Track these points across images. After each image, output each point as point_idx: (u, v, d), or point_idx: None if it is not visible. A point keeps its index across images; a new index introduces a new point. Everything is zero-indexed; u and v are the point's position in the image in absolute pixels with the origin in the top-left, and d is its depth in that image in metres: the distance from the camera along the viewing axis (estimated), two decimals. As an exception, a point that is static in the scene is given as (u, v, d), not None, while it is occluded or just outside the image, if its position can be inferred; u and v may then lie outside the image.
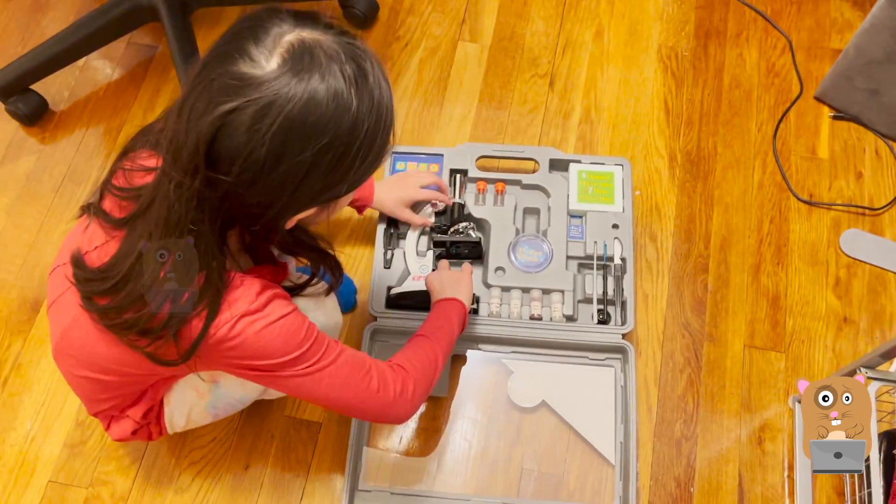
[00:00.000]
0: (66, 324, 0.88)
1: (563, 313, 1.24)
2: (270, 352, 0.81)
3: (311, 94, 0.68)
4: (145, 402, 1.00)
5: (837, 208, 1.38)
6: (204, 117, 0.68)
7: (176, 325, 0.76)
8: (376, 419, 0.95)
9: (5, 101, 1.44)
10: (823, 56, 1.51)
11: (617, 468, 1.18)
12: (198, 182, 0.70)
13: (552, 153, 1.35)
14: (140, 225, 0.77)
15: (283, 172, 0.70)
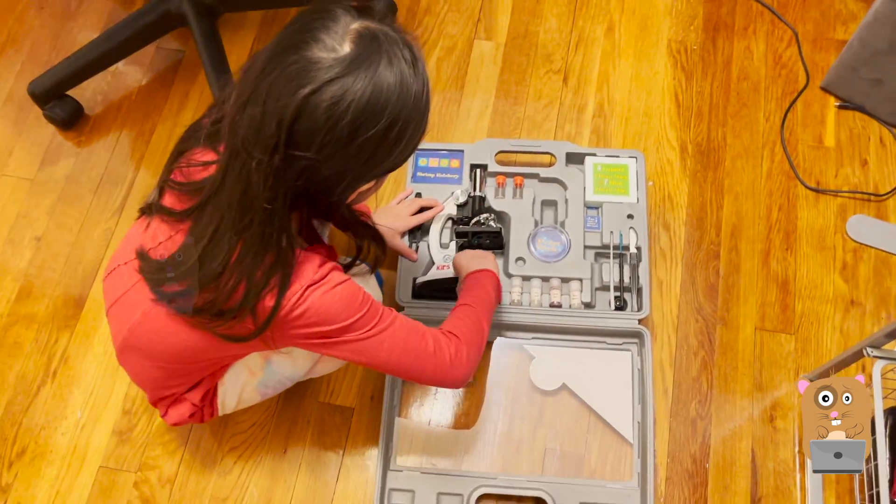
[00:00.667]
0: (135, 320, 0.95)
1: (581, 300, 1.30)
2: (334, 315, 0.88)
3: (381, 75, 0.76)
4: (203, 385, 1.07)
5: (843, 195, 1.44)
6: (284, 99, 0.75)
7: (252, 301, 0.83)
8: (435, 382, 1.02)
9: (43, 107, 1.50)
10: (829, 47, 1.56)
11: (635, 446, 1.24)
12: (277, 160, 0.77)
13: (568, 147, 1.41)
14: (210, 210, 0.83)
15: (358, 146, 0.78)
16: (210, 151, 0.90)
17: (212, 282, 0.83)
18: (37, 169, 1.50)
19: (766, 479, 1.24)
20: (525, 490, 1.21)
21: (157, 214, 0.91)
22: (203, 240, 0.83)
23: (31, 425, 1.30)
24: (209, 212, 0.83)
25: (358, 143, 0.78)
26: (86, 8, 1.66)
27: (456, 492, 1.21)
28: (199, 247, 0.83)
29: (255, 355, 1.07)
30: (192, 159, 0.90)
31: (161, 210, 0.91)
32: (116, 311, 0.98)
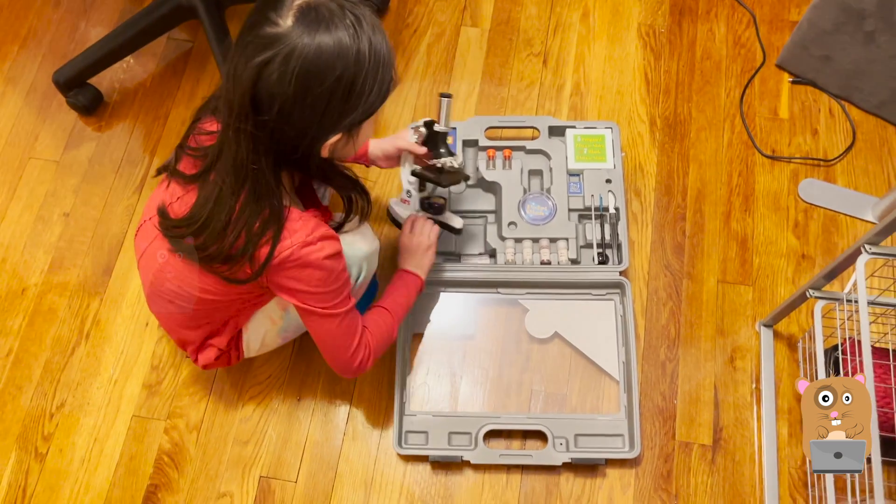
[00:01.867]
0: (158, 266, 1.12)
1: (568, 257, 1.46)
2: (314, 282, 1.03)
3: (320, 40, 0.88)
4: (227, 332, 1.22)
5: (796, 161, 1.59)
6: (244, 72, 0.89)
7: (251, 249, 0.99)
8: (336, 369, 1.18)
9: (66, 95, 1.63)
10: (783, 28, 1.72)
11: (621, 383, 1.39)
12: (250, 125, 0.91)
13: (550, 121, 1.56)
14: (213, 175, 0.99)
15: (310, 104, 0.91)
16: (216, 122, 1.04)
17: (219, 235, 0.99)
18: (62, 152, 1.63)
19: (727, 412, 1.40)
20: (527, 425, 1.36)
21: (173, 176, 1.07)
22: (210, 201, 0.99)
23: (69, 381, 1.44)
24: (212, 177, 0.99)
25: (310, 101, 0.90)
26: (100, 3, 1.79)
27: (465, 430, 1.36)
28: (206, 207, 0.99)
29: (274, 305, 1.22)
30: (202, 128, 1.06)
31: (175, 174, 1.06)
32: (144, 261, 1.15)
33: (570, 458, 1.32)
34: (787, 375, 1.42)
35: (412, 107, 1.66)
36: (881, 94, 1.56)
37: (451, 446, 1.35)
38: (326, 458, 1.37)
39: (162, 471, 1.37)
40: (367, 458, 1.37)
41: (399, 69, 1.70)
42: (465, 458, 1.33)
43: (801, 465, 1.35)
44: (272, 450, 1.38)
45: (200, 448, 1.38)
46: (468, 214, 1.52)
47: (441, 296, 1.47)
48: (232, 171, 0.96)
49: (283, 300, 1.12)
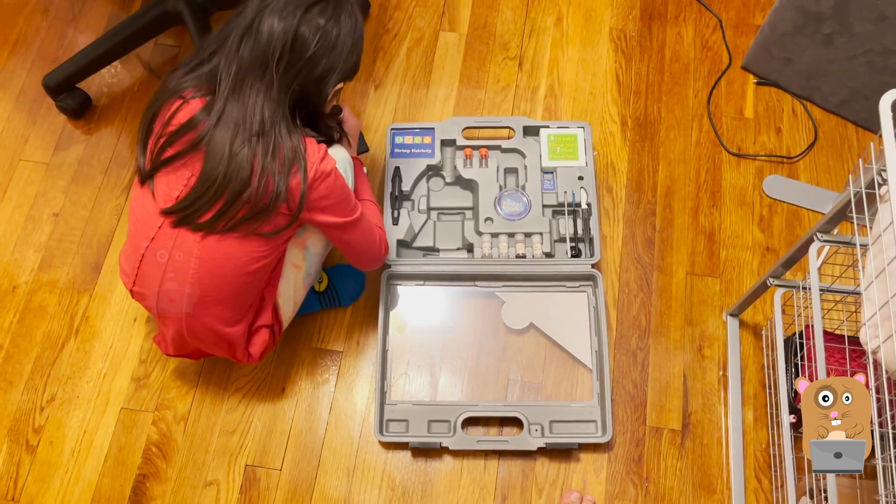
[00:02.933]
0: (192, 270, 1.15)
1: (542, 251, 1.51)
2: (338, 190, 1.16)
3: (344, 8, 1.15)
4: (268, 302, 1.28)
5: (761, 158, 1.66)
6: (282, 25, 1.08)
7: (283, 189, 1.08)
8: (372, 264, 1.34)
9: (56, 99, 1.68)
10: (748, 31, 1.79)
11: (594, 371, 1.45)
12: (283, 63, 1.08)
13: (525, 121, 1.62)
14: (219, 133, 1.08)
15: (338, 52, 1.14)
16: (178, 99, 1.14)
17: (244, 188, 1.07)
18: (51, 154, 1.68)
19: (696, 398, 1.46)
20: (503, 412, 1.42)
21: (161, 171, 1.12)
22: (224, 159, 1.07)
23: (59, 375, 1.48)
24: (219, 134, 1.08)
25: (339, 49, 1.13)
26: (88, 10, 1.84)
27: (444, 419, 1.41)
28: (221, 165, 1.06)
29: (295, 250, 1.28)
30: (168, 112, 1.13)
31: (167, 161, 1.12)
32: (170, 284, 1.18)
33: (545, 444, 1.38)
34: (753, 363, 1.48)
35: (393, 109, 1.72)
36: (840, 93, 1.64)
37: (430, 433, 1.40)
38: (310, 447, 1.42)
39: (150, 461, 1.41)
40: (349, 445, 1.42)
41: (379, 72, 1.76)
42: (444, 445, 1.38)
43: (766, 448, 1.41)
44: (257, 439, 1.42)
45: (188, 438, 1.42)
46: (447, 211, 1.58)
47: (420, 289, 1.52)
48: (249, 118, 1.08)
49: (300, 240, 1.24)
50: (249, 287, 1.22)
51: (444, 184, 1.60)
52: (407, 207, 1.56)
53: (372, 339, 1.50)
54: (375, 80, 1.75)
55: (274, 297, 1.29)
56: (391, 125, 1.63)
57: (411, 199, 1.58)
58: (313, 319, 1.52)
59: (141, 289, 1.23)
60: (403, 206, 1.56)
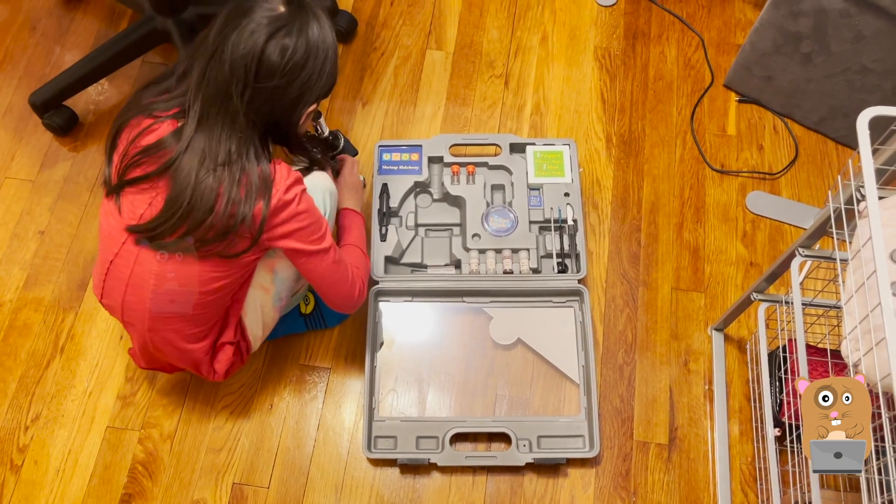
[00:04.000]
0: (151, 286, 1.16)
1: (529, 267, 1.53)
2: (303, 216, 1.13)
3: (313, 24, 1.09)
4: (231, 323, 1.27)
5: (743, 175, 1.69)
6: (247, 48, 1.04)
7: (248, 214, 1.08)
8: (342, 304, 1.27)
9: (42, 116, 1.68)
10: (730, 50, 1.82)
11: (581, 386, 1.46)
12: (248, 94, 1.06)
13: (512, 138, 1.64)
14: (187, 159, 1.07)
15: (307, 75, 1.09)
16: (147, 119, 1.13)
17: (207, 215, 1.06)
18: (37, 171, 1.67)
19: (682, 412, 1.47)
20: (491, 428, 1.42)
21: (127, 189, 1.13)
22: (189, 186, 1.06)
23: (44, 394, 1.46)
24: (186, 161, 1.07)
25: (307, 72, 1.09)
26: (75, 28, 1.84)
27: (432, 434, 1.41)
28: (187, 192, 1.06)
29: (263, 272, 1.27)
30: (133, 130, 1.13)
31: (133, 181, 1.12)
32: (131, 298, 1.19)
33: (533, 459, 1.38)
34: (738, 377, 1.50)
35: (380, 126, 1.74)
36: (820, 110, 1.67)
37: (418, 450, 1.40)
38: (298, 464, 1.41)
39: (136, 480, 1.40)
40: (337, 462, 1.42)
41: (367, 90, 1.77)
42: (432, 461, 1.38)
43: (751, 462, 1.42)
44: (245, 457, 1.42)
45: (174, 457, 1.42)
46: (434, 227, 1.59)
47: (409, 305, 1.52)
48: (216, 144, 1.07)
49: (268, 263, 1.22)
50: (210, 305, 1.22)
51: (432, 200, 1.62)
52: (395, 224, 1.57)
53: (360, 355, 1.50)
54: (363, 98, 1.76)
55: (239, 315, 1.29)
56: (379, 142, 1.64)
57: (399, 215, 1.59)
58: (301, 336, 1.52)
59: (108, 301, 1.25)
60: (391, 222, 1.57)
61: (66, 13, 1.85)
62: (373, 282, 1.51)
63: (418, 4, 1.88)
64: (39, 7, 1.86)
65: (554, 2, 1.88)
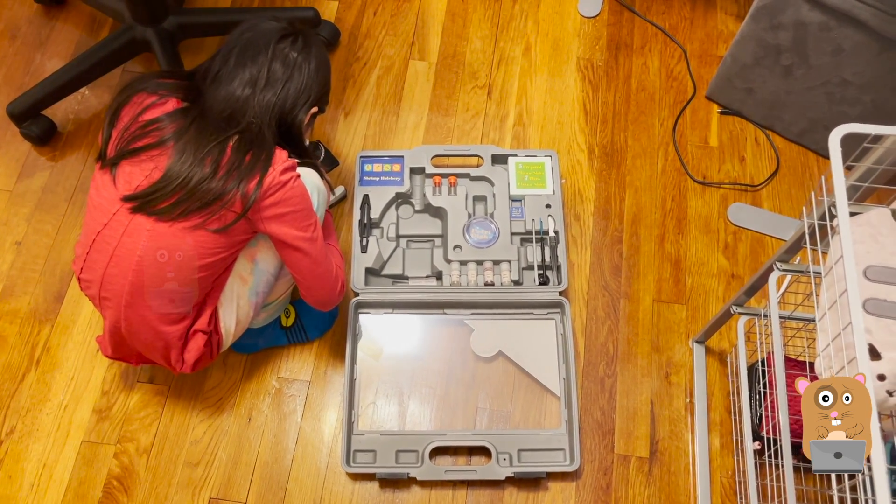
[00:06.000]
0: (135, 260, 1.16)
1: (510, 279, 1.52)
2: (295, 200, 1.17)
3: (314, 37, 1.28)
4: (207, 308, 1.26)
5: (725, 186, 1.69)
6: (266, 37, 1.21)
7: (243, 186, 1.13)
8: (320, 296, 1.29)
9: (20, 126, 1.66)
10: (712, 62, 1.83)
11: (562, 399, 1.45)
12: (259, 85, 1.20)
13: (493, 150, 1.63)
14: (192, 132, 1.14)
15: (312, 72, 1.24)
16: (151, 96, 1.19)
17: (204, 182, 1.11)
18: (15, 181, 1.66)
19: (663, 424, 1.46)
20: (471, 441, 1.41)
21: (124, 161, 1.16)
22: (188, 156, 1.12)
23: (18, 408, 1.44)
24: (192, 134, 1.13)
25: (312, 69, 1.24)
26: (55, 37, 1.83)
27: (412, 448, 1.40)
28: (184, 161, 1.11)
29: (244, 261, 1.27)
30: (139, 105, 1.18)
31: (135, 151, 1.15)
32: (113, 270, 1.18)
33: (513, 473, 1.37)
34: (719, 389, 1.49)
35: (362, 136, 1.73)
36: (800, 123, 1.67)
37: (398, 464, 1.39)
38: (276, 479, 1.40)
39: (111, 495, 1.38)
40: (316, 477, 1.40)
41: (349, 100, 1.76)
42: (411, 475, 1.37)
43: (732, 475, 1.42)
44: (222, 471, 1.40)
45: (150, 471, 1.40)
46: (416, 238, 1.58)
47: (389, 317, 1.51)
48: (224, 122, 1.16)
49: (250, 252, 1.25)
50: (192, 284, 1.21)
51: (414, 211, 1.61)
52: (376, 235, 1.56)
53: (339, 368, 1.49)
54: (345, 108, 1.76)
55: (215, 303, 1.28)
56: (360, 153, 1.63)
57: (380, 226, 1.58)
58: (280, 348, 1.50)
59: (88, 275, 1.24)
60: (372, 233, 1.56)
61: (46, 21, 1.84)
62: (353, 293, 1.50)
63: (401, 15, 1.87)
64: (19, 15, 1.85)
65: (537, 12, 1.88)
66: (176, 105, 1.19)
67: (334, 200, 1.62)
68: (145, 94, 1.19)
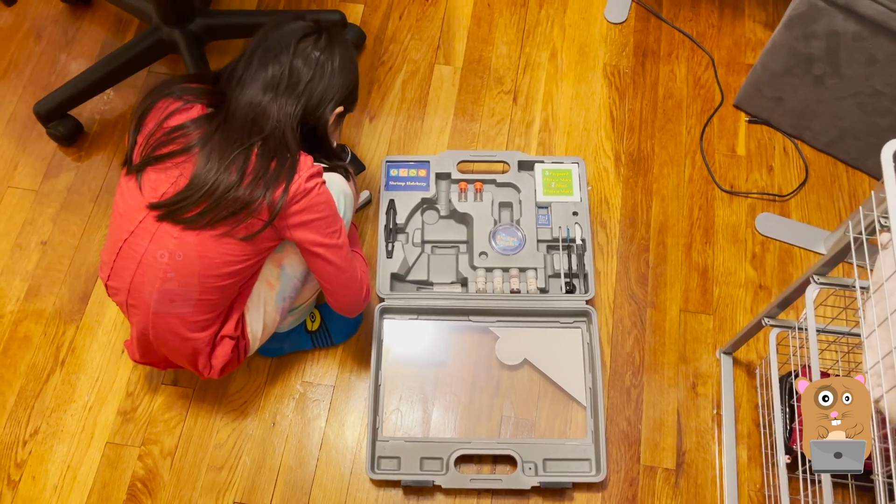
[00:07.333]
0: (162, 268, 1.16)
1: (537, 286, 1.51)
2: (321, 207, 1.16)
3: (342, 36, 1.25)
4: (235, 313, 1.26)
5: (753, 196, 1.68)
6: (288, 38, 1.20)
7: (270, 194, 1.12)
8: (346, 302, 1.29)
9: (46, 125, 1.66)
10: (740, 70, 1.81)
11: (588, 408, 1.44)
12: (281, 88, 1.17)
13: (520, 156, 1.62)
14: (218, 139, 1.13)
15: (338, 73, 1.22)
16: (176, 101, 1.18)
17: (230, 191, 1.10)
18: (41, 181, 1.66)
19: (690, 436, 1.45)
20: (497, 450, 1.40)
21: (149, 168, 1.15)
22: (214, 163, 1.11)
23: (43, 408, 1.44)
24: (216, 140, 1.12)
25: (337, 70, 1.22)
26: (81, 37, 1.83)
27: (436, 456, 1.39)
28: (213, 170, 1.10)
29: (270, 266, 1.26)
30: (164, 110, 1.17)
31: (160, 158, 1.14)
32: (140, 278, 1.18)
33: (539, 483, 1.36)
34: (747, 401, 1.48)
35: (387, 140, 1.72)
36: (830, 133, 1.66)
37: (422, 471, 1.38)
38: (300, 484, 1.39)
39: (135, 497, 1.38)
40: (340, 483, 1.39)
41: (374, 104, 1.76)
42: (436, 483, 1.36)
43: (760, 489, 1.40)
44: (246, 475, 1.40)
45: (174, 474, 1.39)
46: (441, 244, 1.57)
47: (414, 323, 1.51)
48: (249, 128, 1.14)
49: (277, 257, 1.24)
50: (219, 291, 1.20)
51: (439, 217, 1.60)
52: (401, 240, 1.55)
53: (364, 373, 1.49)
54: (370, 112, 1.75)
55: (242, 309, 1.27)
56: (386, 157, 1.62)
57: (405, 231, 1.57)
58: (305, 353, 1.50)
59: (115, 283, 1.23)
60: (398, 239, 1.55)
61: (72, 21, 1.84)
62: (378, 299, 1.49)
63: (427, 18, 1.87)
64: (45, 15, 1.85)
65: (563, 18, 1.88)
66: (201, 111, 1.18)
67: (359, 205, 1.62)
68: (170, 100, 1.19)
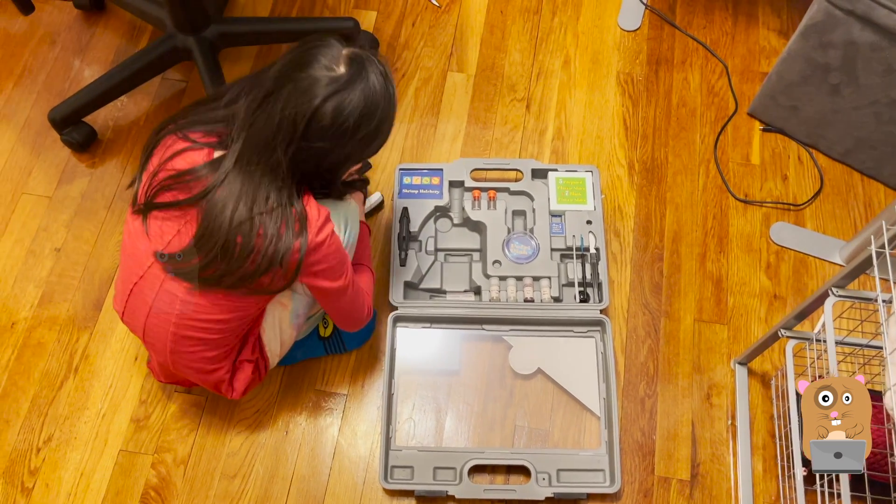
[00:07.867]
0: (175, 314, 1.14)
1: (550, 295, 1.50)
2: (332, 255, 1.14)
3: (370, 88, 1.05)
4: (251, 338, 1.26)
5: (767, 205, 1.67)
6: (299, 107, 1.02)
7: (287, 254, 1.07)
8: (350, 326, 1.33)
9: (61, 132, 1.66)
10: (754, 78, 1.80)
11: (602, 418, 1.43)
12: (292, 149, 1.04)
13: (534, 164, 1.62)
14: (221, 195, 1.05)
15: (359, 139, 1.08)
16: (182, 141, 1.12)
17: (246, 258, 1.05)
18: (55, 187, 1.66)
19: (704, 447, 1.44)
20: (510, 460, 1.40)
21: (155, 212, 1.11)
22: (223, 226, 1.04)
23: (56, 415, 1.44)
24: (220, 195, 1.05)
25: (358, 137, 1.08)
26: (95, 43, 1.83)
27: (450, 465, 1.39)
28: (221, 232, 1.04)
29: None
30: (168, 149, 1.11)
31: (162, 207, 1.10)
32: (154, 321, 1.17)
33: (553, 493, 1.35)
34: (762, 412, 1.47)
35: (400, 148, 1.72)
36: (846, 142, 1.65)
37: (436, 481, 1.38)
38: (313, 493, 1.39)
39: (148, 505, 1.38)
40: (353, 492, 1.39)
41: (388, 112, 1.75)
42: (450, 493, 1.36)
43: (775, 501, 1.39)
44: (259, 484, 1.39)
45: (188, 482, 1.39)
46: (454, 252, 1.57)
47: (427, 332, 1.50)
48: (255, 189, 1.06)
49: None
50: (233, 332, 1.22)
51: (452, 225, 1.60)
52: (414, 248, 1.55)
53: (377, 381, 1.48)
54: (383, 119, 1.75)
55: (258, 333, 1.28)
56: (399, 165, 1.62)
57: (419, 239, 1.57)
58: (317, 360, 1.50)
59: (129, 321, 1.24)
60: (411, 247, 1.55)
61: (86, 28, 1.85)
62: (391, 307, 1.49)
63: (440, 26, 1.86)
64: (59, 21, 1.85)
65: (576, 25, 1.87)
66: (208, 156, 1.10)
67: (370, 208, 1.62)
68: (175, 137, 1.13)
